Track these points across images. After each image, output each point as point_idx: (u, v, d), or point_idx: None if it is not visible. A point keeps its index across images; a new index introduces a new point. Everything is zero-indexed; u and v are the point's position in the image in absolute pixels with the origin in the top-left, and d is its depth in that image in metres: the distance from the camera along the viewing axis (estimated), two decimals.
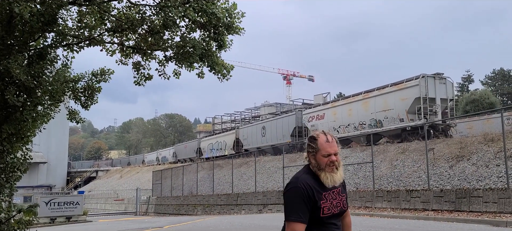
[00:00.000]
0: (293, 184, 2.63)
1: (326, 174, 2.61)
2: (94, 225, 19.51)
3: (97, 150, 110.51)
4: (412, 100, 23.07)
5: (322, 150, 2.61)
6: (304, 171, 2.70)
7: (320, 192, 2.62)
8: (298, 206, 2.56)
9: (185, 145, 57.83)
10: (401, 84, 24.30)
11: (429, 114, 22.42)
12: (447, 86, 23.86)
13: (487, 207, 12.48)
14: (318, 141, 2.64)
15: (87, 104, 9.00)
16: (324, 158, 2.60)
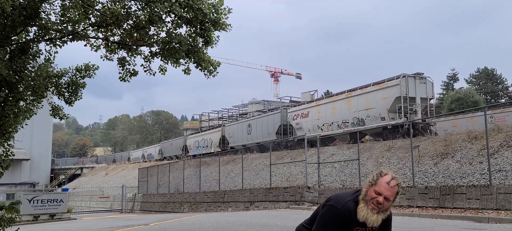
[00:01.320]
0: (336, 203, 2.58)
1: (365, 207, 2.53)
2: (78, 223, 19.26)
3: (82, 147, 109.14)
4: (393, 99, 23.52)
5: (378, 186, 2.55)
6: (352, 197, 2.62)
7: (355, 224, 2.58)
8: (331, 225, 2.55)
9: (171, 142, 57.49)
10: (383, 83, 24.73)
11: (409, 113, 22.92)
12: (427, 86, 24.40)
13: (470, 203, 12.68)
14: (381, 178, 2.58)
15: (71, 100, 8.84)
16: (374, 194, 2.53)
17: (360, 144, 20.36)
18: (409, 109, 22.98)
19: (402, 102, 22.97)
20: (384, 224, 2.65)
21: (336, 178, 19.65)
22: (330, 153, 23.19)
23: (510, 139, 15.04)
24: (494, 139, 15.41)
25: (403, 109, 22.89)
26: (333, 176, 20.06)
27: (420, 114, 23.66)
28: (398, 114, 23.15)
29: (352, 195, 2.61)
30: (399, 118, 23.01)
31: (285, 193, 19.71)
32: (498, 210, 11.83)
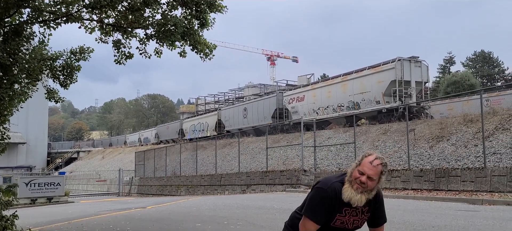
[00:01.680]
0: (323, 185, 2.62)
1: (349, 188, 2.56)
2: (76, 206, 19.32)
3: (78, 131, 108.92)
4: (388, 83, 23.57)
5: (361, 166, 2.57)
6: (339, 179, 2.66)
7: (342, 205, 2.61)
8: (318, 208, 2.59)
9: (167, 126, 57.46)
10: (378, 67, 24.75)
11: (404, 97, 23.00)
12: (422, 70, 24.43)
13: (465, 186, 12.80)
14: (365, 158, 2.61)
15: (66, 84, 8.76)
16: (358, 174, 2.56)
17: (356, 127, 20.43)
18: (404, 93, 23.08)
19: (397, 86, 23.04)
20: (375, 204, 2.66)
21: (332, 161, 19.75)
22: (326, 137, 23.27)
23: (505, 121, 15.12)
24: (489, 122, 15.48)
25: (398, 93, 22.99)
26: (329, 159, 20.16)
27: (414, 98, 23.76)
28: (393, 98, 23.24)
29: (339, 177, 2.66)
30: (394, 102, 23.12)
31: (281, 176, 19.81)
32: (492, 192, 11.96)
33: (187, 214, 11.42)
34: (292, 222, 2.86)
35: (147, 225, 9.52)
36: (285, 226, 2.92)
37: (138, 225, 9.71)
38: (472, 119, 16.46)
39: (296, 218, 2.81)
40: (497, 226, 7.14)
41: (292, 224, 2.86)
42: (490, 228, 6.93)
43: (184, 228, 8.68)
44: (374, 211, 2.70)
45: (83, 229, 9.53)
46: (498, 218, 8.05)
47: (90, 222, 11.12)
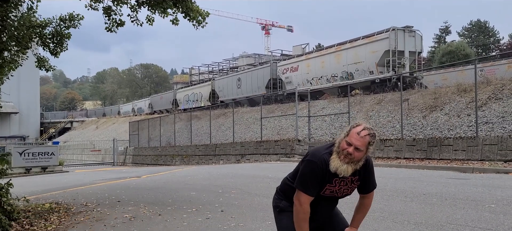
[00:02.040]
0: (313, 157, 2.62)
1: (336, 158, 2.56)
2: (71, 175, 19.39)
3: (71, 101, 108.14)
4: (381, 53, 23.48)
5: (349, 137, 2.56)
6: (328, 150, 2.65)
7: (332, 175, 2.61)
8: (310, 181, 2.60)
9: (161, 96, 57.22)
10: (372, 37, 24.59)
11: (397, 67, 22.97)
12: (416, 39, 24.32)
13: (456, 154, 12.97)
14: (353, 129, 2.59)
15: (56, 52, 8.61)
16: (346, 145, 2.55)
17: (351, 98, 20.46)
18: (398, 63, 23.05)
19: (390, 56, 22.98)
20: (364, 172, 2.67)
21: (326, 131, 19.86)
22: (321, 107, 23.31)
23: (499, 91, 15.20)
24: (483, 91, 15.55)
25: (392, 63, 22.96)
26: (323, 129, 20.26)
27: (408, 68, 23.75)
28: (387, 68, 23.22)
29: (328, 148, 2.66)
30: (387, 72, 23.11)
31: (275, 146, 19.93)
32: (483, 160, 12.14)
33: (182, 183, 11.50)
34: (283, 188, 2.89)
35: (142, 194, 9.59)
36: (277, 192, 2.95)
37: (133, 193, 9.77)
38: (466, 89, 16.52)
39: (287, 184, 2.84)
40: (486, 193, 7.27)
41: (283, 190, 2.89)
42: (479, 195, 7.05)
43: (179, 197, 8.75)
44: (363, 179, 2.71)
45: (78, 198, 9.58)
46: (487, 185, 8.18)
47: (85, 190, 11.18)
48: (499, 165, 11.30)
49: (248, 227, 5.66)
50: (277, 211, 2.87)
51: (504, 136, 12.24)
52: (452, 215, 5.70)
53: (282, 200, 2.85)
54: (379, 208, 6.37)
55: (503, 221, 5.25)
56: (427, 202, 6.75)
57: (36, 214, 7.34)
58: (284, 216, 2.80)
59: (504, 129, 12.98)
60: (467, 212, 5.86)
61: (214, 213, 6.73)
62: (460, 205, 6.34)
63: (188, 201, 8.08)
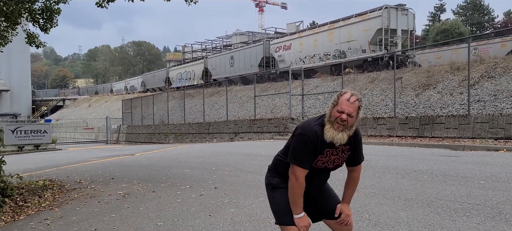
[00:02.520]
0: (303, 130, 2.63)
1: (330, 128, 2.59)
2: (64, 153, 19.36)
3: (63, 78, 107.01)
4: (374, 31, 23.47)
5: (339, 104, 2.59)
6: (318, 121, 2.67)
7: (324, 146, 2.64)
8: (303, 153, 2.61)
9: (154, 74, 56.84)
10: (365, 15, 24.53)
11: (389, 46, 22.99)
12: (408, 18, 24.32)
13: (448, 132, 13.10)
14: (341, 97, 2.62)
15: (46, 28, 8.47)
16: (338, 113, 2.58)
17: (344, 76, 20.46)
18: (390, 41, 23.09)
19: (383, 35, 22.99)
20: (354, 142, 2.71)
21: (320, 109, 19.90)
22: (314, 85, 23.31)
23: (491, 69, 15.27)
24: (476, 70, 15.62)
25: (384, 41, 22.99)
26: (317, 107, 20.31)
27: (400, 47, 23.81)
28: (379, 47, 23.26)
29: (318, 120, 2.68)
30: (379, 50, 23.15)
31: (269, 124, 19.98)
32: (474, 138, 12.28)
33: (175, 160, 11.53)
34: (275, 164, 2.90)
35: (136, 171, 9.61)
36: (269, 169, 2.96)
37: (127, 171, 9.79)
38: (459, 67, 16.59)
39: (279, 160, 2.85)
40: (476, 170, 7.38)
41: (275, 166, 2.89)
42: (470, 172, 7.16)
43: (172, 174, 8.79)
44: (353, 148, 2.75)
45: (72, 175, 9.59)
46: (477, 162, 8.30)
47: (79, 168, 11.18)
48: (489, 143, 11.45)
49: (241, 203, 5.72)
50: (270, 189, 2.88)
51: (495, 114, 12.36)
52: (442, 191, 5.79)
53: (275, 177, 2.86)
54: (371, 185, 6.45)
55: (491, 196, 5.35)
56: (418, 178, 6.84)
57: (30, 191, 7.35)
58: (277, 193, 2.81)
59: (496, 107, 13.10)
60: (457, 188, 5.96)
61: (207, 190, 6.77)
62: (450, 182, 6.44)
63: (182, 178, 8.12)
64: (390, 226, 4.29)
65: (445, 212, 4.75)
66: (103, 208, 5.97)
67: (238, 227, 4.56)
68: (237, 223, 4.73)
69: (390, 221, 4.47)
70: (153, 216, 5.29)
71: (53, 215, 5.77)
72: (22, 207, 6.30)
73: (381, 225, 4.35)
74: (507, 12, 59.53)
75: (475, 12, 60.39)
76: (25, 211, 6.15)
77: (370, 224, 4.42)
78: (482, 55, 18.80)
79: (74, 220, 5.40)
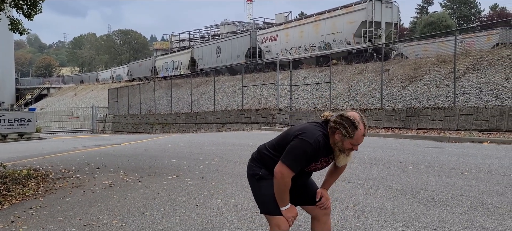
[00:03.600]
0: (308, 138, 2.56)
1: (343, 156, 2.65)
2: (49, 142, 19.08)
3: (47, 66, 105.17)
4: (359, 24, 23.76)
5: (355, 139, 2.55)
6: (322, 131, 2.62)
7: (321, 155, 2.65)
8: (300, 159, 2.58)
9: (140, 63, 56.28)
10: (350, 7, 24.82)
11: (374, 38, 23.28)
12: (392, 11, 24.70)
13: (434, 124, 13.28)
14: (357, 132, 2.53)
15: (30, 14, 8.28)
16: (350, 146, 2.58)
17: (332, 67, 20.52)
18: (374, 34, 23.40)
19: (367, 27, 23.30)
20: None
21: (307, 100, 19.97)
22: (302, 76, 23.35)
23: (477, 62, 15.48)
24: (462, 62, 15.81)
25: (368, 34, 23.30)
26: (304, 98, 20.36)
27: (384, 39, 24.10)
28: (363, 39, 23.55)
29: (321, 129, 2.64)
30: (364, 43, 23.43)
31: (257, 115, 19.98)
32: (459, 130, 12.47)
33: (162, 150, 11.46)
34: (262, 158, 2.84)
35: (122, 161, 9.52)
36: (253, 159, 2.90)
37: (113, 160, 9.70)
38: (446, 60, 16.77)
39: (267, 155, 2.80)
40: (461, 161, 7.50)
41: (262, 159, 2.84)
42: (454, 163, 7.27)
43: (159, 164, 8.73)
44: None
45: (57, 164, 9.46)
46: (462, 154, 8.43)
47: (64, 157, 11.03)
48: (474, 135, 11.63)
49: (228, 193, 5.72)
50: (255, 179, 2.83)
51: (480, 106, 12.56)
52: (427, 182, 5.87)
53: (261, 168, 2.82)
54: (357, 175, 6.50)
55: (474, 187, 5.44)
56: (403, 169, 6.92)
57: (13, 180, 7.22)
58: (264, 183, 2.78)
59: (481, 99, 13.30)
60: (441, 179, 6.04)
61: (194, 180, 6.75)
62: (435, 173, 6.52)
63: (169, 168, 8.07)
64: (375, 216, 4.34)
65: (429, 202, 4.81)
66: (88, 198, 5.90)
67: (225, 217, 4.56)
68: (223, 213, 4.72)
69: (375, 211, 4.52)
70: (139, 206, 5.25)
71: (37, 204, 5.69)
72: (5, 197, 6.19)
73: (366, 215, 4.39)
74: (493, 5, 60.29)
75: (462, 6, 61.03)
76: (9, 200, 6.05)
77: (356, 214, 4.46)
78: (468, 48, 19.04)
79: (59, 209, 5.33)
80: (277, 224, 2.69)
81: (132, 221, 4.59)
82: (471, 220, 4.09)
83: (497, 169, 6.62)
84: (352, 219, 4.26)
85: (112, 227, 4.42)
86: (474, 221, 4.04)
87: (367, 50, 22.95)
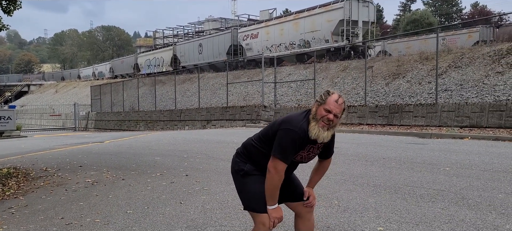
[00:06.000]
0: (293, 126, 2.60)
1: (316, 125, 2.60)
2: (29, 140, 18.71)
3: (27, 63, 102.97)
4: (336, 22, 24.24)
5: (327, 104, 2.60)
6: (304, 118, 2.66)
7: (307, 143, 2.65)
8: (289, 149, 2.60)
9: (122, 60, 55.67)
10: (328, 6, 25.31)
11: (351, 36, 23.73)
12: (369, 9, 25.17)
13: (416, 121, 13.47)
14: (329, 97, 2.63)
15: (9, 10, 8.10)
16: (324, 112, 2.59)
17: (317, 64, 20.62)
18: (351, 32, 23.82)
19: (345, 26, 23.75)
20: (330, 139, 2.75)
21: (292, 97, 20.03)
22: (287, 73, 23.41)
23: (458, 59, 15.75)
24: (444, 59, 16.07)
25: (346, 32, 23.74)
26: (289, 95, 20.42)
27: (361, 37, 24.56)
28: (341, 37, 23.97)
29: (304, 117, 2.67)
30: (341, 41, 23.83)
31: (241, 112, 19.95)
32: (441, 126, 12.68)
33: (146, 148, 11.35)
34: (248, 151, 2.83)
35: (105, 159, 9.40)
36: (238, 154, 2.89)
37: (96, 158, 9.57)
38: (428, 57, 17.02)
39: (254, 148, 2.79)
40: (442, 157, 7.63)
41: (248, 152, 2.84)
42: (436, 159, 7.39)
43: (143, 162, 8.65)
44: (327, 145, 2.78)
45: (37, 163, 9.28)
46: (443, 150, 8.58)
47: (45, 156, 10.83)
48: (455, 131, 11.85)
49: (213, 190, 5.70)
50: (240, 175, 2.81)
51: (461, 103, 12.79)
52: (409, 178, 5.95)
53: (246, 163, 2.80)
54: (341, 172, 6.55)
55: (455, 182, 5.54)
56: (386, 165, 7.00)
57: None
58: (249, 179, 2.77)
59: (462, 96, 13.55)
60: (423, 175, 6.13)
61: (178, 178, 6.70)
62: (417, 168, 6.62)
63: (152, 166, 8.00)
64: (358, 212, 4.38)
65: (412, 197, 4.88)
66: (70, 196, 5.81)
67: (209, 214, 4.54)
68: (208, 210, 4.70)
69: (358, 207, 4.56)
70: (122, 204, 5.19)
71: (17, 203, 5.57)
72: None
73: (350, 211, 4.43)
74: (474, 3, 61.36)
75: (444, 3, 62.01)
76: None
77: (340, 210, 4.49)
78: (450, 46, 19.36)
79: (40, 208, 5.23)
80: (262, 222, 2.68)
81: (115, 220, 4.53)
82: (452, 215, 4.16)
83: (477, 165, 6.75)
84: (336, 215, 4.29)
85: (94, 226, 4.36)
86: (455, 216, 4.11)
87: (344, 48, 23.43)
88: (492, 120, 11.81)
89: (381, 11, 64.63)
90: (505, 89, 12.84)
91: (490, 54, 15.04)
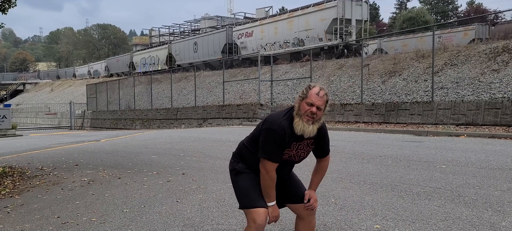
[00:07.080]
0: (272, 125, 2.63)
1: (300, 121, 2.61)
2: (25, 139, 18.62)
3: (23, 62, 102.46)
4: (330, 21, 24.42)
5: (309, 98, 2.61)
6: (285, 115, 2.68)
7: (292, 140, 2.66)
8: (270, 147, 2.63)
9: (118, 59, 55.53)
10: (322, 4, 25.48)
11: (344, 35, 23.87)
12: (362, 8, 25.34)
13: (413, 118, 13.51)
14: (310, 90, 2.64)
15: (4, 8, 8.05)
16: (307, 106, 2.60)
17: (313, 63, 20.63)
18: (345, 31, 23.92)
19: (338, 24, 23.90)
20: (320, 135, 2.74)
21: (288, 95, 20.03)
22: (283, 71, 23.40)
23: (454, 57, 15.80)
24: (440, 57, 16.11)
25: (339, 31, 23.89)
26: (285, 93, 20.42)
27: (354, 36, 24.69)
28: (334, 36, 24.07)
29: (285, 115, 2.70)
30: (335, 39, 23.94)
31: (238, 110, 19.93)
32: (437, 124, 12.72)
33: (142, 146, 11.32)
34: (240, 151, 2.91)
35: (101, 158, 9.36)
36: (233, 155, 2.97)
37: (92, 157, 9.53)
38: (424, 55, 17.06)
39: (245, 148, 2.86)
40: (438, 155, 7.65)
41: (240, 153, 2.91)
42: (432, 157, 7.41)
43: (139, 160, 8.62)
44: (319, 142, 2.78)
45: (33, 162, 9.23)
46: (439, 148, 8.60)
47: (41, 154, 10.78)
48: (451, 129, 11.89)
49: (210, 188, 5.69)
50: (233, 174, 2.89)
51: (457, 101, 12.83)
52: (406, 175, 5.96)
53: (239, 163, 2.87)
54: (337, 170, 6.56)
55: (451, 180, 5.55)
56: (382, 163, 7.01)
57: None
58: (240, 177, 2.83)
59: (458, 94, 13.60)
60: (419, 172, 6.15)
61: (175, 176, 6.69)
62: (413, 166, 6.64)
63: (149, 164, 7.98)
64: (355, 210, 4.38)
65: (408, 195, 4.89)
66: (66, 195, 5.78)
67: (206, 213, 4.53)
68: (204, 209, 4.69)
69: (355, 205, 4.56)
70: (119, 203, 5.17)
71: (13, 202, 5.54)
72: None
73: (346, 209, 4.43)
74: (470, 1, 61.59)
75: (440, 1, 62.19)
76: None
77: (336, 208, 4.50)
78: (446, 44, 19.42)
79: (35, 207, 5.21)
80: (252, 219, 2.70)
81: (111, 218, 4.51)
82: (448, 212, 4.17)
83: (473, 162, 6.78)
84: (333, 213, 4.29)
85: (91, 224, 4.34)
86: (451, 213, 4.12)
87: (338, 46, 23.53)
88: (488, 118, 11.86)
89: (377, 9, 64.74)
90: (500, 87, 12.90)
91: (486, 52, 15.10)
